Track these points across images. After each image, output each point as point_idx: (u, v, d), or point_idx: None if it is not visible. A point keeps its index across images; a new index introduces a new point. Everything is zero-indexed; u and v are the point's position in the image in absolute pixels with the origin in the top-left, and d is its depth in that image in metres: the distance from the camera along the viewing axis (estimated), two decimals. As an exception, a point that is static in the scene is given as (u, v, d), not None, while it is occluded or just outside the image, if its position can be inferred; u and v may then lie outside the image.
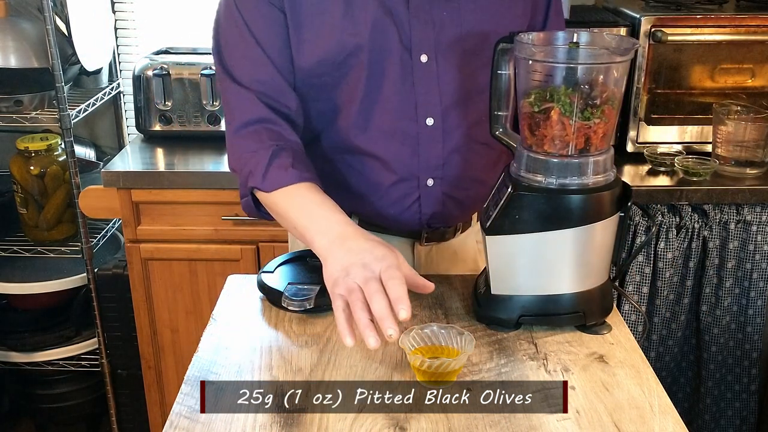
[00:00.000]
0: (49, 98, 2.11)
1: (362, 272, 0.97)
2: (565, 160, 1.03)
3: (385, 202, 1.27)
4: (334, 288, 0.98)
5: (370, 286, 0.95)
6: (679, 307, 1.96)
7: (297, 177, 1.12)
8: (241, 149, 1.18)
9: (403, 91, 1.19)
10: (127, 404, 2.29)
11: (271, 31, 1.16)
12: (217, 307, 1.19)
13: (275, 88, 1.18)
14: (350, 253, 1.00)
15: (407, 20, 1.16)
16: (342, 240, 1.03)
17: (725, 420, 2.07)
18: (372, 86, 1.18)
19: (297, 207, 1.11)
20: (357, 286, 0.96)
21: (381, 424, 0.91)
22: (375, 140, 1.22)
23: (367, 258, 0.99)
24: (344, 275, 0.98)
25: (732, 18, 1.97)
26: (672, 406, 0.95)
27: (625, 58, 1.02)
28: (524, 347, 1.07)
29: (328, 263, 1.02)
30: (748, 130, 1.91)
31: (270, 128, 1.18)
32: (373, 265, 0.98)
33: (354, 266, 0.98)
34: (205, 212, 2.00)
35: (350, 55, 1.16)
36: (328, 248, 1.03)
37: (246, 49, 1.17)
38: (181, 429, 0.91)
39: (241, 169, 1.17)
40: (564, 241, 1.04)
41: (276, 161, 1.13)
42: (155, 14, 2.42)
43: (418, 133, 1.22)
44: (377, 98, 1.19)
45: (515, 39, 1.05)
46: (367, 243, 1.02)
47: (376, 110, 1.20)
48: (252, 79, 1.18)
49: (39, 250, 2.17)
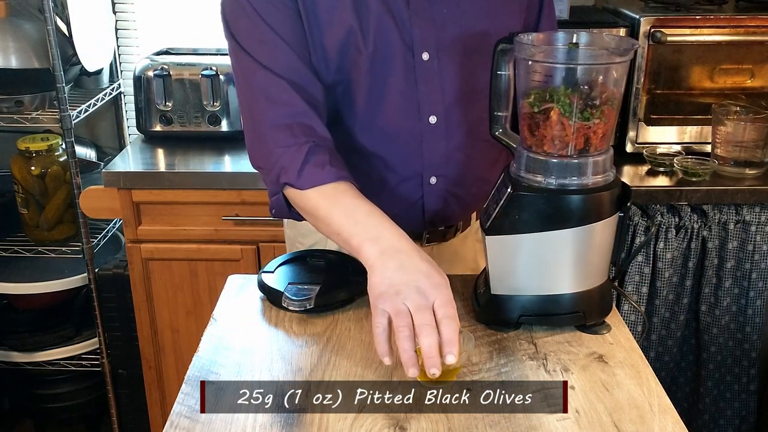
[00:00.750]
0: (49, 99, 2.12)
1: (416, 297, 0.93)
2: (564, 161, 1.03)
3: (390, 201, 1.26)
4: (379, 302, 0.95)
5: (423, 317, 0.92)
6: (679, 307, 1.96)
7: (335, 175, 1.09)
8: (273, 144, 1.13)
9: (406, 90, 1.19)
10: (128, 404, 2.29)
11: (288, 23, 1.14)
12: (218, 307, 1.19)
13: (303, 78, 1.15)
14: (403, 271, 0.96)
15: (408, 18, 1.15)
16: (395, 253, 0.99)
17: (724, 420, 2.07)
18: (375, 86, 1.18)
19: (341, 210, 1.06)
20: (407, 309, 0.92)
21: (381, 424, 0.91)
22: (379, 140, 1.22)
23: (422, 282, 0.95)
24: (394, 293, 0.94)
25: (731, 18, 1.97)
26: (671, 406, 0.95)
27: (624, 59, 1.02)
28: (524, 347, 1.08)
29: (376, 274, 0.97)
30: (748, 131, 1.92)
31: (303, 123, 1.13)
32: (428, 293, 0.94)
33: (407, 287, 0.94)
34: (205, 212, 2.00)
35: (355, 54, 1.16)
36: (378, 258, 0.99)
37: (265, 38, 1.13)
38: (182, 429, 0.91)
39: (272, 165, 1.13)
40: (564, 241, 1.05)
41: (313, 158, 1.10)
42: (156, 15, 2.43)
43: (421, 131, 1.22)
44: (381, 97, 1.19)
45: (515, 39, 1.05)
46: (423, 264, 0.98)
47: (379, 110, 1.20)
48: (278, 66, 1.13)
49: (40, 250, 2.17)
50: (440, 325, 0.92)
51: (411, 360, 0.91)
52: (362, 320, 1.14)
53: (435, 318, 0.92)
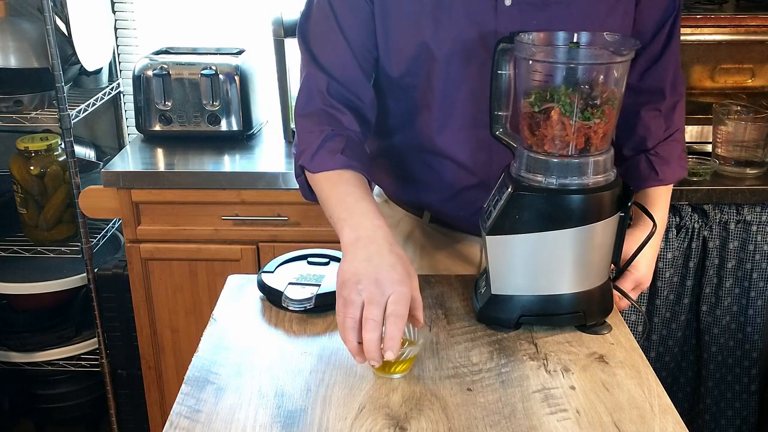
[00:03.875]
0: (49, 98, 2.11)
1: (372, 289, 0.95)
2: (565, 160, 1.03)
3: (457, 204, 1.28)
4: (340, 288, 0.98)
5: (371, 311, 0.94)
6: (679, 307, 1.96)
7: (343, 163, 1.12)
8: (302, 129, 1.18)
9: (481, 99, 1.18)
10: (127, 404, 2.28)
11: (358, 24, 1.17)
12: (217, 307, 1.19)
13: (351, 78, 1.18)
14: (368, 262, 0.99)
15: (494, 30, 1.14)
16: (368, 243, 1.02)
17: (725, 420, 2.07)
18: (450, 91, 1.19)
19: (336, 195, 1.11)
20: (359, 301, 0.95)
21: (381, 424, 0.91)
22: (451, 143, 1.23)
23: (383, 275, 0.97)
24: (354, 282, 0.97)
25: (732, 18, 1.96)
26: (672, 406, 0.95)
27: (625, 58, 1.02)
28: (524, 347, 1.07)
29: (346, 260, 1.01)
30: (748, 130, 1.91)
31: (331, 113, 1.17)
32: (385, 287, 0.96)
33: (367, 278, 0.96)
34: (205, 212, 2.00)
35: (431, 60, 1.16)
36: (351, 245, 1.02)
37: (330, 34, 1.17)
38: (181, 429, 0.91)
39: (297, 148, 1.18)
40: (564, 241, 1.04)
41: (327, 144, 1.13)
42: (155, 14, 2.42)
43: (491, 142, 1.20)
44: (455, 103, 1.20)
45: (515, 39, 1.05)
46: (391, 257, 1.00)
47: (453, 115, 1.21)
48: (330, 63, 1.18)
49: (39, 250, 2.17)
50: (386, 320, 0.94)
51: (354, 350, 0.95)
52: (362, 320, 1.14)
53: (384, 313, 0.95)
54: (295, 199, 1.96)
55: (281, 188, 1.96)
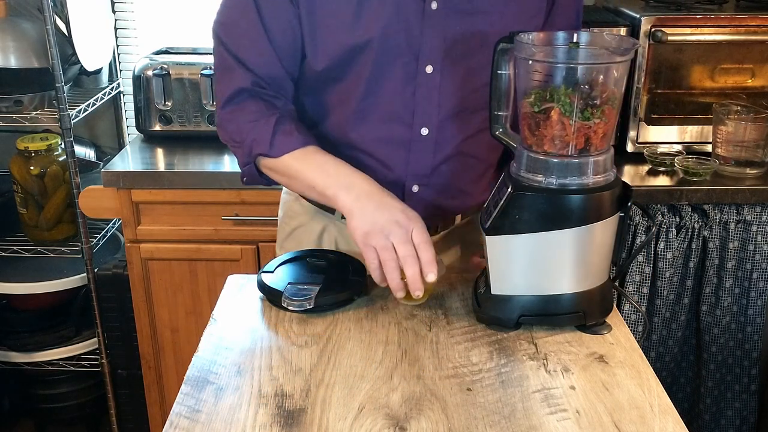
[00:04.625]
0: (49, 98, 2.11)
1: (398, 231, 1.07)
2: (565, 160, 1.03)
3: None
4: (367, 239, 1.08)
5: (405, 249, 1.06)
6: (679, 307, 1.96)
7: (303, 141, 1.18)
8: (240, 120, 1.21)
9: (403, 98, 1.20)
10: (127, 404, 2.28)
11: (279, 19, 1.17)
12: (217, 307, 1.19)
13: (274, 75, 1.21)
14: (382, 209, 1.09)
15: (420, 30, 1.16)
16: (370, 196, 1.11)
17: (725, 420, 2.07)
18: (373, 87, 1.19)
19: (314, 166, 1.16)
20: (391, 245, 1.07)
21: (381, 424, 0.91)
22: (368, 139, 1.24)
23: (400, 217, 1.08)
24: (379, 230, 1.07)
25: (732, 18, 1.96)
26: (672, 406, 0.95)
27: (625, 58, 1.02)
28: (524, 347, 1.07)
29: (356, 217, 1.09)
30: (748, 130, 1.91)
31: (267, 101, 1.21)
32: (407, 226, 1.08)
33: (389, 223, 1.07)
34: (205, 212, 2.00)
35: (357, 54, 1.17)
36: (355, 201, 1.11)
37: (253, 36, 1.18)
38: (181, 429, 0.91)
39: (243, 138, 1.21)
40: (564, 241, 1.04)
41: (281, 128, 1.18)
42: (155, 14, 2.42)
43: (410, 140, 1.23)
44: (376, 99, 1.20)
45: (515, 39, 1.05)
46: (396, 202, 1.11)
47: (373, 111, 1.21)
48: (254, 63, 1.20)
49: (39, 250, 2.17)
50: (419, 250, 1.07)
51: (399, 285, 1.09)
52: (362, 320, 1.14)
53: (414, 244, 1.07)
54: (295, 199, 1.96)
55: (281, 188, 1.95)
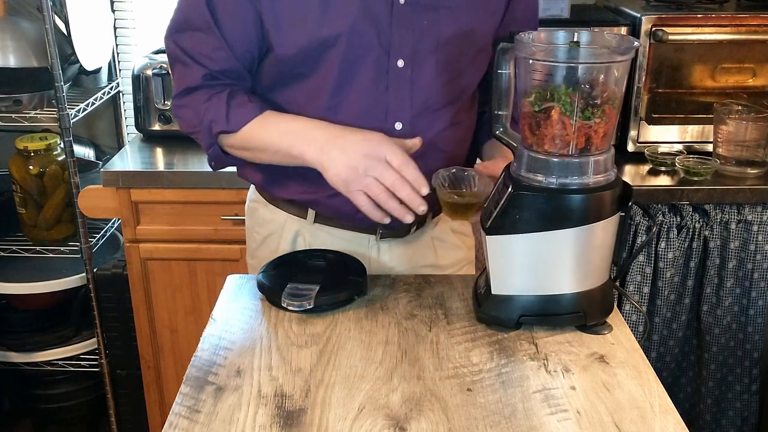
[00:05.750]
0: (48, 98, 2.11)
1: (373, 164, 1.06)
2: (565, 160, 1.03)
3: (345, 198, 1.25)
4: (349, 186, 1.08)
5: (388, 176, 1.06)
6: (680, 307, 1.96)
7: (259, 108, 1.18)
8: (194, 104, 1.21)
9: (375, 94, 1.20)
10: (127, 404, 2.28)
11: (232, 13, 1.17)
12: (217, 307, 1.18)
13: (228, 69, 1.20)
14: (347, 151, 1.08)
15: (389, 25, 1.16)
16: (331, 141, 1.10)
17: (726, 420, 2.06)
18: (343, 83, 1.19)
19: (272, 132, 1.16)
20: (374, 180, 1.06)
21: (381, 424, 0.91)
22: None
23: (365, 148, 1.07)
24: (354, 173, 1.07)
25: (733, 17, 1.96)
26: (673, 407, 0.95)
27: (625, 58, 1.02)
28: (524, 347, 1.07)
29: (328, 169, 1.09)
30: (749, 130, 1.91)
31: (219, 82, 1.21)
32: (377, 154, 1.07)
33: (361, 161, 1.07)
34: (204, 212, 2.00)
35: (326, 49, 1.16)
36: (320, 154, 1.10)
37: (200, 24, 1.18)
38: (181, 429, 0.91)
39: (201, 121, 1.20)
40: (564, 241, 1.04)
41: (233, 101, 1.18)
42: (155, 14, 2.42)
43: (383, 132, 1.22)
44: (347, 95, 1.20)
45: (516, 38, 1.04)
46: (356, 135, 1.10)
47: (344, 107, 1.20)
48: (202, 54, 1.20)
49: (38, 250, 2.17)
50: (401, 171, 1.06)
51: (401, 211, 1.09)
52: (362, 320, 1.14)
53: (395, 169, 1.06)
54: (294, 199, 1.96)
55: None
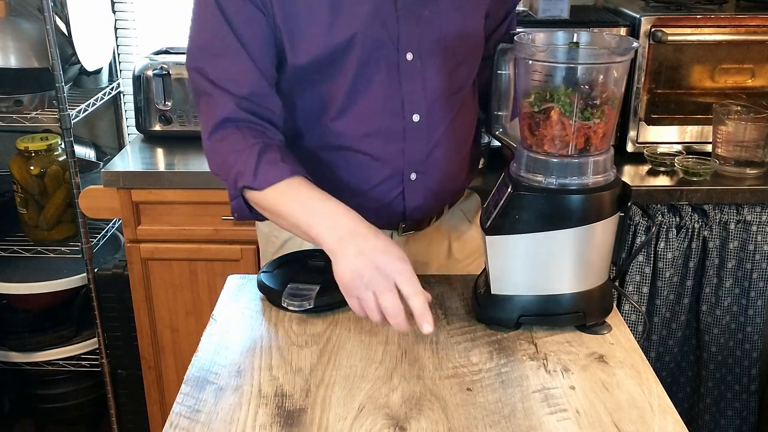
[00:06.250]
0: (49, 98, 2.11)
1: (378, 279, 0.99)
2: (565, 160, 1.03)
3: (369, 197, 1.28)
4: (347, 288, 1.02)
5: (386, 299, 0.98)
6: (679, 307, 1.96)
7: (289, 171, 1.12)
8: (225, 151, 1.17)
9: (390, 89, 1.21)
10: (127, 404, 2.28)
11: (253, 31, 1.15)
12: (217, 307, 1.19)
13: (259, 91, 1.17)
14: (362, 255, 1.01)
15: (396, 20, 1.17)
16: (352, 237, 1.04)
17: (725, 420, 2.07)
18: (359, 84, 1.19)
19: (297, 203, 1.10)
20: (372, 295, 0.99)
21: (381, 424, 0.91)
22: (362, 137, 1.24)
23: (380, 260, 1.00)
24: (358, 280, 1.00)
25: (732, 18, 1.96)
26: (672, 406, 0.95)
27: (625, 58, 1.02)
28: (524, 347, 1.07)
29: (339, 261, 1.03)
30: (748, 130, 1.91)
31: (251, 127, 1.17)
32: (388, 271, 0.99)
33: (368, 270, 1.00)
34: (205, 212, 2.00)
35: (340, 54, 1.17)
36: (337, 245, 1.04)
37: (229, 53, 1.15)
38: (181, 429, 0.91)
39: (228, 171, 1.16)
40: (564, 241, 1.04)
41: (265, 157, 1.13)
42: (155, 14, 2.42)
43: (404, 129, 1.24)
44: (364, 96, 1.20)
45: (515, 39, 1.05)
46: (379, 242, 1.03)
47: (363, 108, 1.21)
48: (233, 82, 1.16)
49: (39, 250, 2.17)
50: (409, 301, 0.99)
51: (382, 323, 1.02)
52: (362, 320, 1.14)
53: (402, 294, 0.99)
54: (295, 199, 1.96)
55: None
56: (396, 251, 1.02)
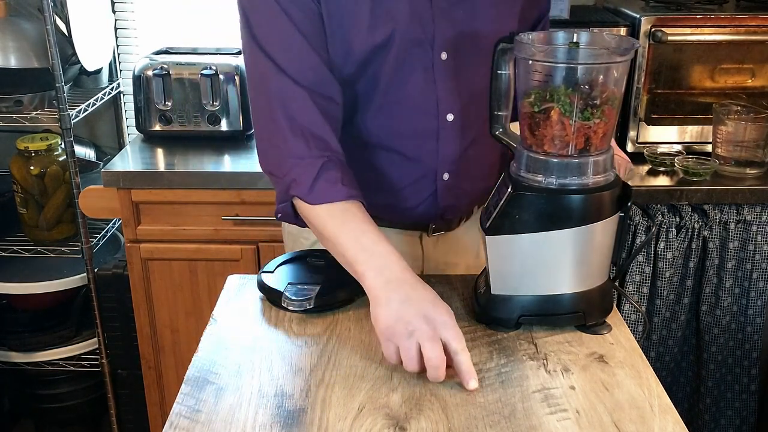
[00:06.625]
0: (49, 98, 2.11)
1: (425, 328, 0.97)
2: (565, 160, 1.03)
3: (402, 197, 1.28)
4: (388, 334, 0.99)
5: (430, 350, 0.96)
6: (679, 307, 1.96)
7: (345, 194, 1.11)
8: (286, 153, 1.14)
9: (425, 89, 1.21)
10: (127, 404, 2.28)
11: (310, 21, 1.14)
12: (217, 307, 1.19)
13: (322, 80, 1.15)
14: (409, 303, 1.00)
15: (431, 19, 1.17)
16: (400, 284, 1.02)
17: (725, 420, 2.07)
18: (396, 83, 1.20)
19: (349, 233, 1.09)
20: (415, 345, 0.96)
21: (381, 424, 0.91)
22: (395, 136, 1.24)
23: (429, 311, 0.99)
24: (402, 326, 0.98)
25: (732, 18, 1.97)
26: (672, 406, 0.95)
27: (625, 58, 1.02)
28: (524, 347, 1.07)
29: (381, 305, 1.01)
30: (748, 130, 1.91)
31: (317, 135, 1.14)
32: (436, 322, 0.98)
33: (416, 318, 0.98)
34: (205, 212, 2.00)
35: (377, 53, 1.17)
36: (382, 290, 1.02)
37: (288, 37, 1.14)
38: (181, 429, 0.91)
39: (284, 174, 1.14)
40: (564, 241, 1.04)
41: (325, 174, 1.11)
42: (155, 14, 2.42)
43: (438, 128, 1.24)
44: (401, 95, 1.21)
45: (515, 39, 1.05)
46: (427, 293, 1.02)
47: (397, 107, 1.22)
48: (298, 70, 1.14)
49: (39, 250, 2.17)
50: (454, 356, 0.97)
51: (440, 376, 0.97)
52: (362, 320, 1.14)
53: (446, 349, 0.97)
54: (295, 199, 1.96)
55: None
56: (444, 305, 1.01)
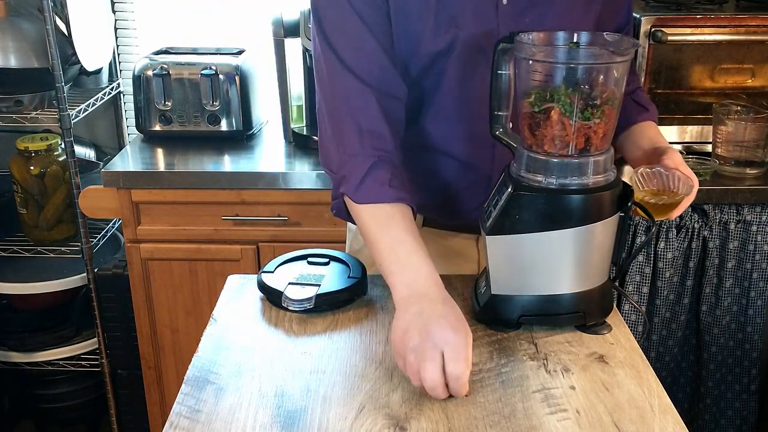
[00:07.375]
0: (49, 98, 2.11)
1: (427, 349, 0.94)
2: (565, 160, 1.03)
3: (458, 201, 1.28)
4: (396, 349, 0.99)
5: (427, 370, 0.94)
6: (679, 307, 1.96)
7: (392, 197, 1.09)
8: (341, 150, 1.14)
9: (485, 96, 1.18)
10: (127, 404, 2.28)
11: (380, 20, 1.14)
12: (217, 307, 1.19)
13: (389, 80, 1.15)
14: (419, 316, 0.98)
15: (496, 26, 1.16)
16: (420, 297, 1.01)
17: (725, 420, 2.07)
18: (458, 89, 1.20)
19: (388, 243, 1.08)
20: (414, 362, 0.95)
21: (381, 424, 0.91)
22: (454, 141, 1.24)
23: (432, 325, 0.96)
24: (408, 340, 0.96)
25: (732, 18, 1.96)
26: (672, 406, 0.95)
27: (625, 58, 1.02)
28: (524, 347, 1.07)
29: (398, 318, 1.01)
30: (748, 130, 1.91)
31: (375, 133, 1.13)
32: (436, 337, 0.95)
33: (417, 333, 0.96)
34: (205, 212, 2.00)
35: (440, 59, 1.17)
36: (405, 300, 1.02)
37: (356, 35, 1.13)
38: (181, 429, 0.91)
39: (337, 170, 1.14)
40: (564, 241, 1.04)
41: (374, 173, 1.10)
42: (155, 14, 2.42)
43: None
44: (459, 99, 1.21)
45: (515, 39, 1.05)
46: (443, 308, 1.00)
47: (456, 111, 1.21)
48: (366, 69, 1.13)
49: (39, 250, 2.17)
50: (449, 381, 0.95)
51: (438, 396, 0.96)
52: (362, 320, 1.14)
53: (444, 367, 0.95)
54: (295, 199, 1.96)
55: (281, 188, 1.96)
56: (453, 321, 0.98)
